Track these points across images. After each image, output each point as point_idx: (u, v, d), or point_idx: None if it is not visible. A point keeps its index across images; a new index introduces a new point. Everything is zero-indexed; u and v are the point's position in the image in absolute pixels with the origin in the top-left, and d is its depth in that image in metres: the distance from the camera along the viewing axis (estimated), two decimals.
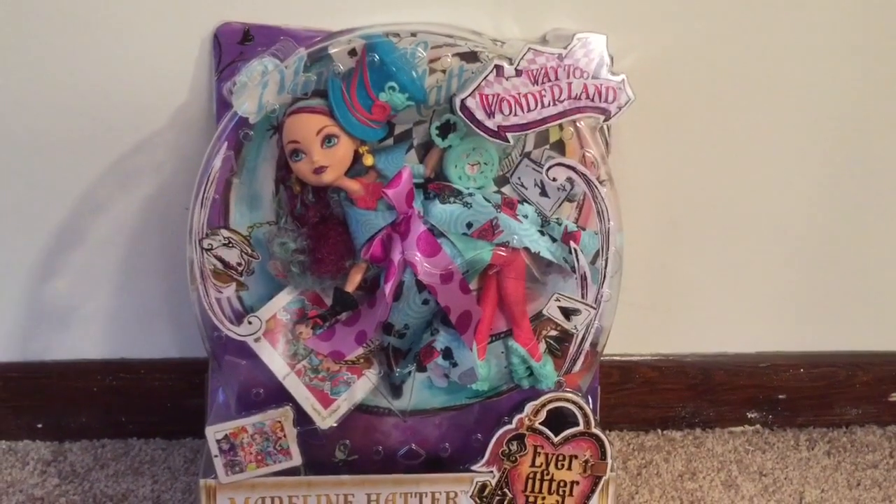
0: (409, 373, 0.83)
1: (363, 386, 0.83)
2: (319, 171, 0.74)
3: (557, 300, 0.80)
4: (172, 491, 0.93)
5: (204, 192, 0.75)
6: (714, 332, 1.02)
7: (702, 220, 0.97)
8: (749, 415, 1.05)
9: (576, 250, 0.79)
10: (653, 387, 1.03)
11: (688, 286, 1.00)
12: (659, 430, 1.05)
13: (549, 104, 0.75)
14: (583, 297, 0.80)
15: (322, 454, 0.84)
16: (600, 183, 0.78)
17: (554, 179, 0.78)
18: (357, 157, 0.76)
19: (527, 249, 0.80)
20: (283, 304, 0.81)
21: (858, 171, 0.96)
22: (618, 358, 1.01)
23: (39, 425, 0.99)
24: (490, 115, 0.74)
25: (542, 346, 0.85)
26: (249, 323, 0.79)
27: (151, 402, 0.98)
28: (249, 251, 0.77)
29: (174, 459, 0.97)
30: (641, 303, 0.97)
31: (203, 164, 0.76)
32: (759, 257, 0.99)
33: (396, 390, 0.84)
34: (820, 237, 0.99)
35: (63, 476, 0.95)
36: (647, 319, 1.00)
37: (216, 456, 0.79)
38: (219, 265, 0.77)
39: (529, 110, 0.75)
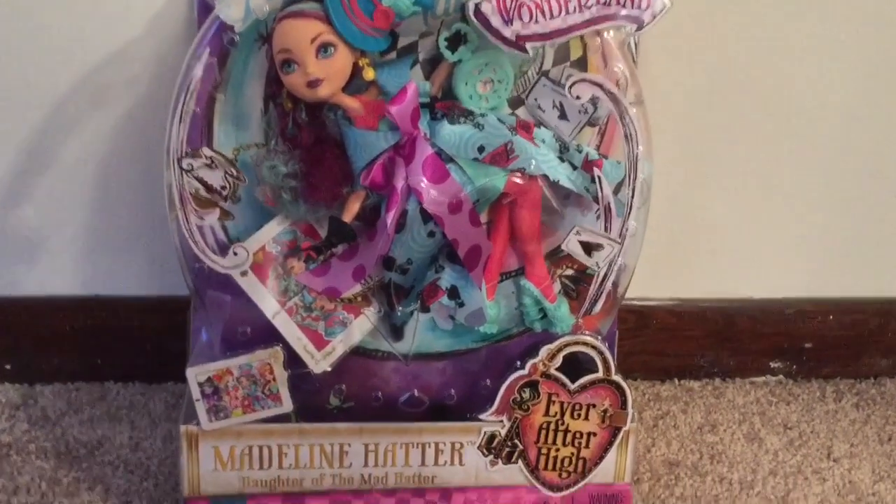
0: (412, 313, 0.77)
1: (361, 327, 0.76)
2: (314, 84, 0.67)
3: (578, 233, 0.73)
4: (152, 438, 0.87)
5: (183, 105, 0.68)
6: (738, 276, 0.97)
7: (730, 155, 0.92)
8: (772, 365, 1.00)
9: (599, 178, 0.72)
10: (671, 333, 0.97)
11: (711, 226, 0.94)
12: (676, 380, 0.99)
13: (574, 10, 0.67)
14: (606, 231, 0.73)
15: (315, 400, 0.78)
16: (629, 103, 0.70)
17: (577, 98, 0.70)
18: (356, 71, 0.69)
19: (545, 177, 0.72)
20: (272, 234, 0.74)
21: None
22: (635, 302, 0.95)
23: (8, 366, 0.93)
24: (508, 21, 0.66)
25: (557, 287, 0.78)
26: (235, 254, 0.71)
27: (129, 343, 0.93)
28: (235, 173, 0.70)
29: (154, 405, 0.91)
30: (661, 243, 0.90)
31: (182, 72, 0.68)
32: (789, 197, 0.94)
33: (397, 332, 0.78)
34: (853, 176, 0.94)
35: (33, 421, 0.88)
36: (666, 261, 0.94)
37: (198, 400, 0.73)
38: (200, 188, 0.69)
39: (552, 17, 0.67)
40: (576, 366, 0.77)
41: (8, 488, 0.81)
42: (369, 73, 0.69)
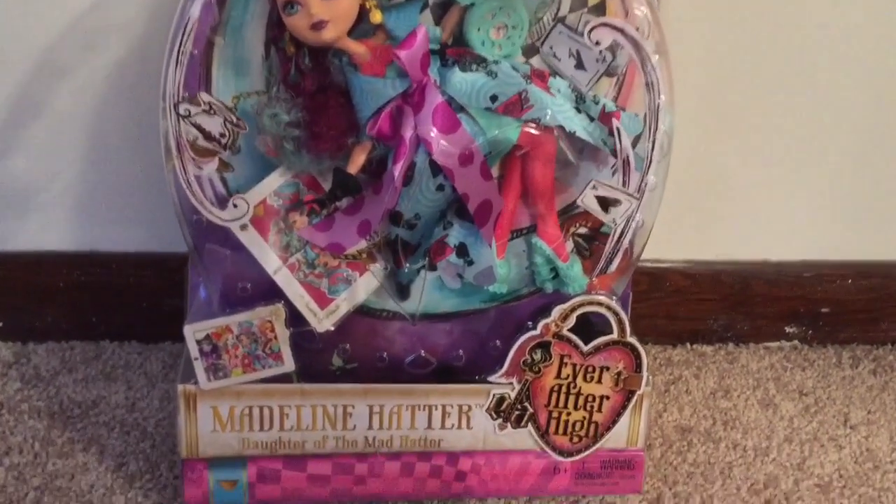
0: (419, 271, 0.74)
1: (365, 284, 0.73)
2: (318, 26, 0.64)
3: (595, 188, 0.70)
4: (149, 398, 0.85)
5: (180, 46, 0.64)
6: (755, 238, 0.94)
7: (751, 110, 0.89)
8: (787, 329, 0.97)
9: (618, 129, 0.68)
10: (684, 296, 0.95)
11: (729, 184, 0.91)
12: (688, 344, 0.97)
13: None
14: (624, 186, 0.69)
15: (318, 360, 0.75)
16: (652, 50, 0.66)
17: (597, 44, 0.67)
18: (363, 14, 0.66)
19: (560, 129, 0.69)
20: (274, 187, 0.70)
21: None
22: (647, 264, 0.92)
23: (0, 324, 0.90)
24: None
25: (570, 245, 0.75)
26: (234, 206, 0.68)
27: (126, 301, 0.90)
28: (234, 120, 0.66)
29: (151, 364, 0.89)
30: (676, 202, 0.86)
31: (178, 11, 0.65)
32: (811, 156, 0.91)
33: (403, 291, 0.75)
34: (878, 136, 0.91)
35: (26, 380, 0.86)
36: (680, 221, 0.91)
37: (196, 358, 0.70)
38: (198, 136, 0.66)
39: None
40: (588, 328, 0.74)
41: (0, 448, 0.78)
42: (377, 16, 0.66)
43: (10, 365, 0.87)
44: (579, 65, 0.70)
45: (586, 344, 0.73)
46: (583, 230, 0.75)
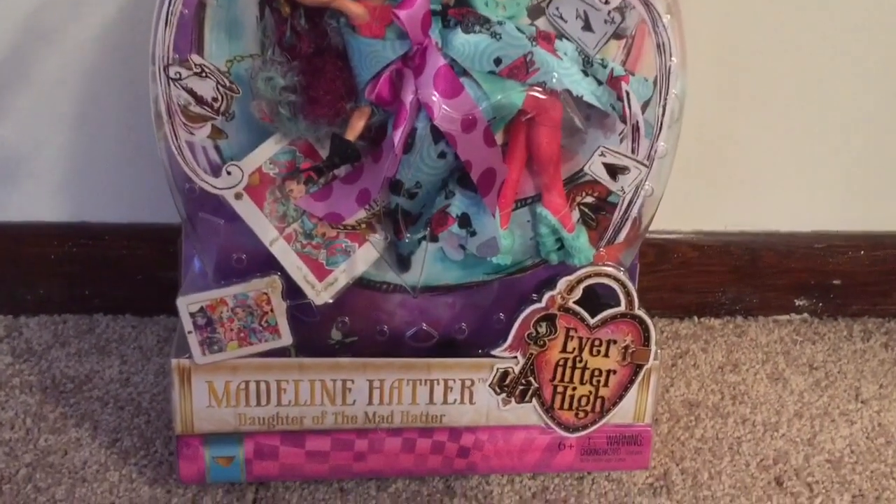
0: (420, 242, 0.71)
1: (365, 256, 0.71)
2: None
3: (603, 155, 0.67)
4: (143, 373, 0.83)
5: (169, 6, 0.61)
6: (765, 208, 0.92)
7: (764, 75, 0.86)
8: (797, 302, 0.95)
9: (628, 93, 0.66)
10: (691, 268, 0.93)
11: (739, 153, 0.89)
12: (695, 318, 0.95)
13: None
14: (633, 153, 0.67)
15: (316, 334, 0.73)
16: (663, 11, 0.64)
17: (605, 3, 0.63)
18: None
19: (567, 93, 0.66)
20: (269, 154, 0.68)
21: None
22: (654, 235, 0.89)
23: None
24: None
25: (576, 215, 0.72)
26: (228, 173, 0.66)
27: (119, 274, 0.88)
28: (227, 83, 0.63)
29: (145, 338, 0.87)
30: (684, 171, 0.84)
31: None
32: (824, 123, 0.88)
33: (404, 262, 0.72)
34: (894, 102, 0.88)
35: (17, 354, 0.84)
36: (688, 191, 0.88)
37: (190, 332, 0.68)
38: (190, 100, 0.63)
39: None
40: (594, 300, 0.72)
41: None
42: None
43: (1, 339, 0.85)
44: (586, 26, 0.67)
45: (593, 317, 0.71)
46: (589, 199, 0.72)
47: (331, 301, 0.70)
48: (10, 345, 0.85)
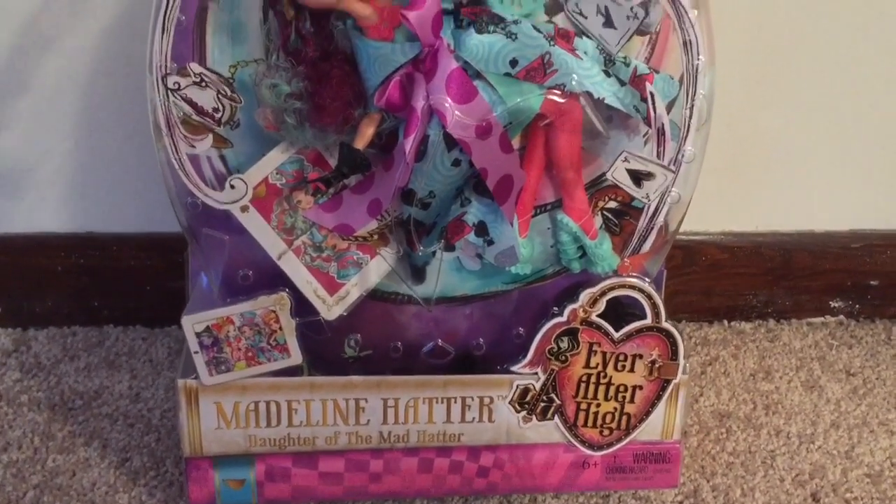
0: (435, 252, 0.68)
1: (377, 267, 0.68)
2: None
3: (626, 160, 0.64)
4: (154, 388, 0.81)
5: (166, 12, 0.58)
6: (799, 207, 0.88)
7: (796, 68, 0.82)
8: (832, 304, 0.91)
9: (652, 94, 0.62)
10: (721, 271, 0.90)
11: (770, 150, 0.85)
12: (725, 322, 0.91)
13: None
14: (658, 158, 0.63)
15: (328, 348, 0.70)
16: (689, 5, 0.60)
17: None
18: None
19: (587, 95, 0.63)
20: (275, 164, 0.65)
21: None
22: (682, 236, 0.85)
23: None
24: None
25: (598, 221, 0.69)
26: (232, 187, 0.63)
27: (129, 284, 0.86)
28: (229, 93, 0.61)
29: (156, 350, 0.85)
30: (713, 169, 0.80)
31: None
32: (858, 117, 0.85)
33: (418, 273, 0.70)
34: None
35: (26, 369, 0.82)
36: (718, 190, 0.85)
37: (196, 352, 0.65)
38: (190, 111, 0.60)
39: None
40: (618, 311, 0.69)
41: None
42: None
43: (9, 353, 0.84)
44: (608, 23, 0.64)
45: (617, 330, 0.67)
46: (612, 204, 0.69)
47: (344, 314, 0.68)
48: (19, 359, 0.83)
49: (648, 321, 0.67)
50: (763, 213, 0.88)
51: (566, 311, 0.67)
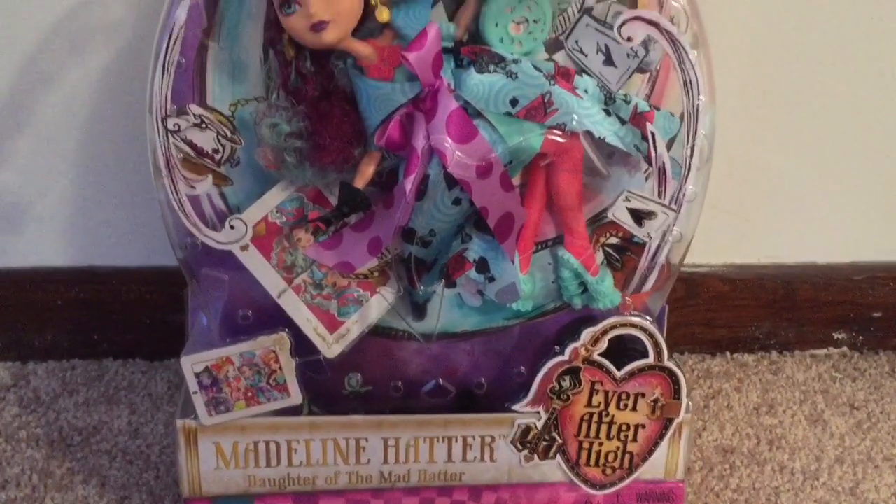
0: (435, 290, 0.68)
1: (378, 305, 0.68)
2: (318, 27, 0.58)
3: (627, 199, 0.63)
4: (154, 423, 0.80)
5: (166, 54, 0.58)
6: (801, 239, 0.88)
7: (795, 100, 0.82)
8: (835, 336, 0.90)
9: (653, 133, 0.62)
10: (723, 303, 0.89)
11: (772, 182, 0.85)
12: (728, 354, 0.90)
13: None
14: (659, 196, 0.63)
15: (330, 386, 0.69)
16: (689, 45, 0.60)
17: (628, 40, 0.60)
18: (368, 11, 0.60)
19: (588, 134, 0.62)
20: (275, 203, 0.65)
21: None
22: (684, 269, 0.84)
23: None
24: None
25: (599, 257, 0.68)
26: (231, 227, 0.63)
27: (128, 318, 0.86)
28: (229, 133, 0.60)
29: (156, 385, 0.84)
30: (714, 202, 0.80)
31: (163, 15, 0.59)
32: (860, 151, 0.84)
33: (419, 310, 0.69)
34: None
35: (24, 404, 0.82)
36: (720, 223, 0.85)
37: (195, 392, 0.65)
38: (190, 152, 0.60)
39: None
40: (620, 348, 0.68)
41: None
42: (384, 14, 0.60)
43: (8, 388, 0.83)
44: (608, 61, 0.64)
45: (619, 368, 0.67)
46: (614, 240, 0.68)
47: (345, 350, 0.67)
48: (18, 394, 0.83)
49: (651, 360, 0.67)
50: (765, 246, 0.87)
51: (568, 350, 0.67)
